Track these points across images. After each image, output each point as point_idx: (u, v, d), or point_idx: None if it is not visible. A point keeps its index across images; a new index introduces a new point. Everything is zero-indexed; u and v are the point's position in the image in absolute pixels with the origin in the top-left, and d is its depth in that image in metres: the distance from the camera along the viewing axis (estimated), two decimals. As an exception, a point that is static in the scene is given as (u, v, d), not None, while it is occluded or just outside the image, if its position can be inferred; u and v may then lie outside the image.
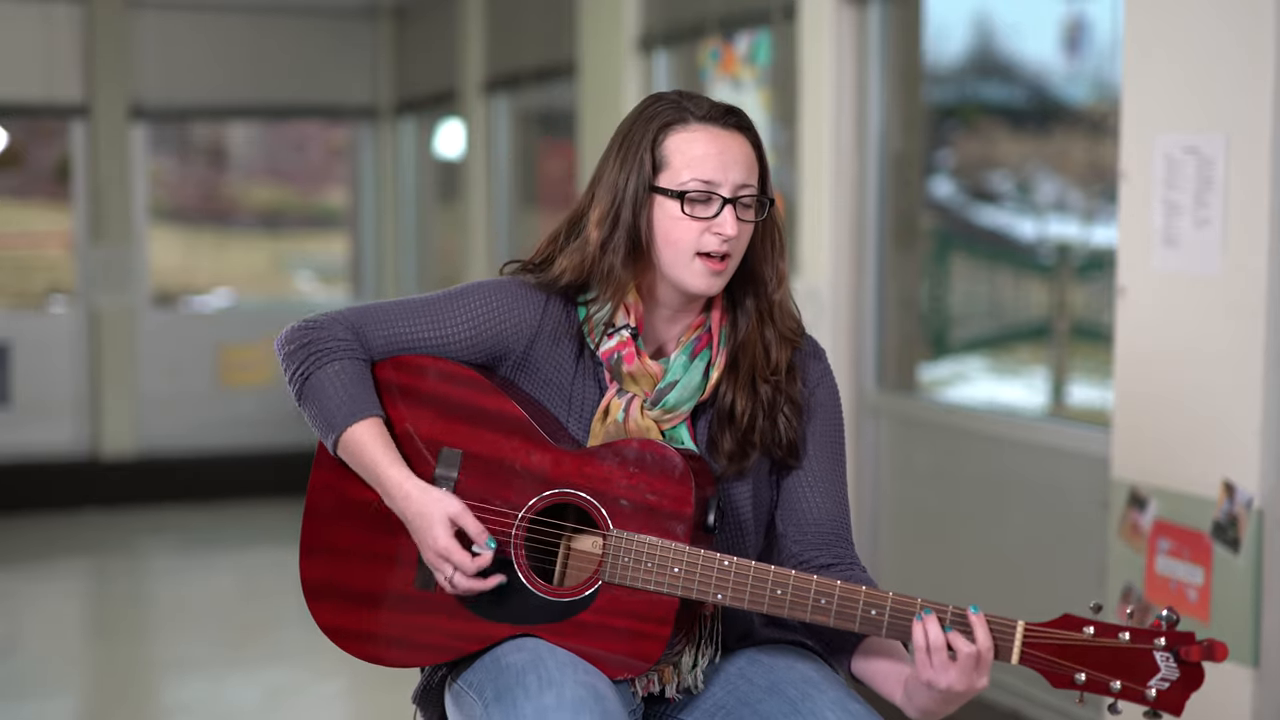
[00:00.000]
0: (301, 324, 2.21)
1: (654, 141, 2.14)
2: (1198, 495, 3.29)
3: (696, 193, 2.12)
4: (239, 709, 4.92)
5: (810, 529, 2.21)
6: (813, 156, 4.89)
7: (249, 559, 7.04)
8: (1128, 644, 1.95)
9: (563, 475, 2.11)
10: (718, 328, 2.20)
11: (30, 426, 8.25)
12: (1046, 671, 1.99)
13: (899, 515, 4.84)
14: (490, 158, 7.60)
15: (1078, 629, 1.97)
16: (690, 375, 2.16)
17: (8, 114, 8.35)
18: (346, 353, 2.18)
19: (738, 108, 2.20)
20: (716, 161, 2.13)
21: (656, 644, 2.06)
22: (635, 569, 2.06)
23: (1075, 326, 4.72)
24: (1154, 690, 1.95)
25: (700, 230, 2.12)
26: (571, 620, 2.09)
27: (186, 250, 9.16)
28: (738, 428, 2.17)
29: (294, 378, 2.19)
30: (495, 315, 2.19)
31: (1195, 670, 1.94)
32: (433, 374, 2.19)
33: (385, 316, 2.21)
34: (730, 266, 2.15)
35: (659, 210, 2.14)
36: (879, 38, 4.82)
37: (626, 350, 2.15)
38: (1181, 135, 3.29)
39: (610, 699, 2.02)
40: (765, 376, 2.18)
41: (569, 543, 2.14)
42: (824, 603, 2.02)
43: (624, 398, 2.16)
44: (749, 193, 2.15)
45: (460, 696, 2.14)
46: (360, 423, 2.15)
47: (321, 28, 8.82)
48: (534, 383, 2.20)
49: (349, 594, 2.21)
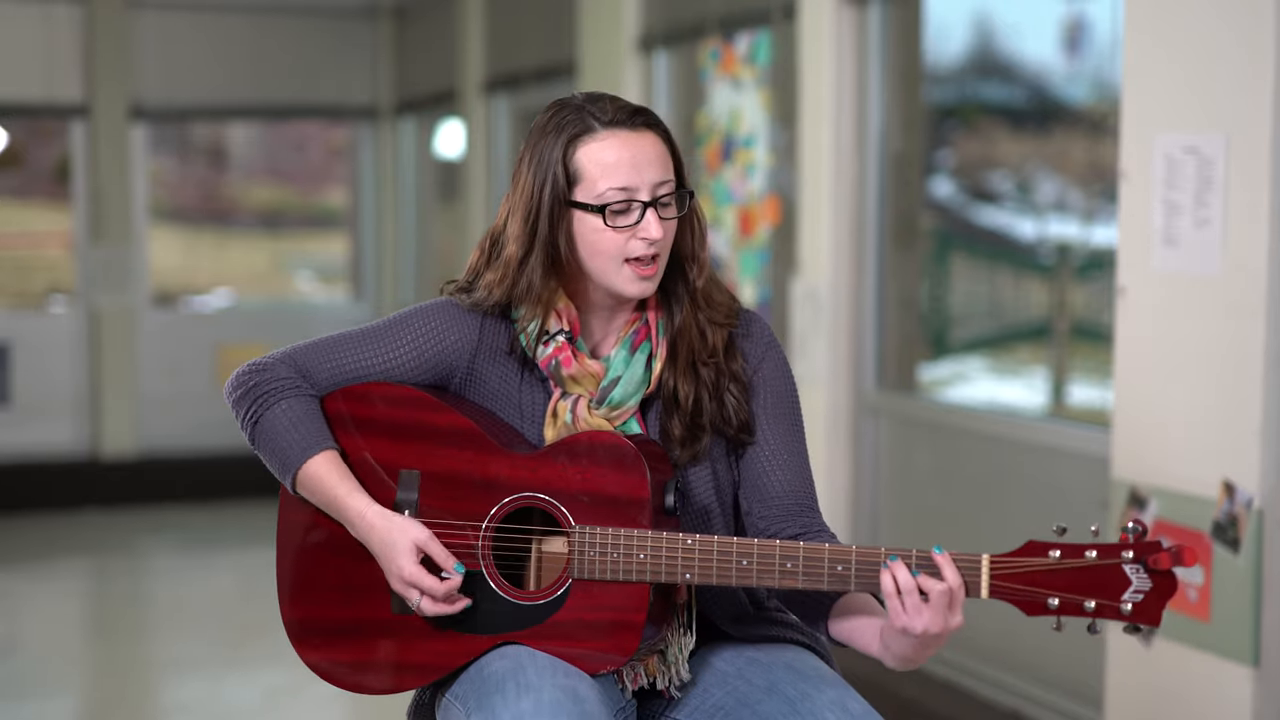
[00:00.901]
0: (246, 368, 2.23)
1: (564, 154, 2.13)
2: (1198, 495, 3.29)
3: (617, 203, 2.11)
4: (238, 709, 4.92)
5: (774, 503, 2.21)
6: (813, 156, 4.89)
7: (249, 559, 7.05)
8: (1095, 561, 1.94)
9: (520, 480, 2.12)
10: (654, 320, 2.21)
11: (30, 426, 8.25)
12: (1018, 600, 1.97)
13: (899, 515, 4.84)
14: (490, 158, 7.60)
15: (1043, 553, 1.96)
16: (632, 369, 2.17)
17: (8, 114, 8.35)
18: (292, 390, 2.19)
19: (643, 106, 2.19)
20: (630, 166, 2.12)
21: (633, 633, 2.06)
22: (602, 562, 2.07)
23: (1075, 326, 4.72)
24: (1129, 604, 1.93)
25: (626, 239, 2.12)
26: (548, 622, 2.09)
27: (186, 250, 9.16)
28: (684, 412, 2.18)
29: (245, 422, 2.21)
30: (434, 337, 2.21)
31: (1167, 578, 1.93)
32: (380, 400, 2.19)
33: (328, 350, 2.22)
34: (660, 265, 2.16)
35: (580, 224, 2.14)
36: (879, 38, 4.82)
37: (563, 355, 2.16)
38: (1181, 135, 3.29)
39: (590, 700, 2.02)
40: (704, 359, 2.20)
41: (539, 546, 2.15)
42: (790, 566, 2.03)
43: (569, 399, 2.17)
44: (667, 190, 2.15)
45: (448, 708, 2.15)
46: (315, 456, 2.16)
47: (321, 28, 8.82)
48: (484, 396, 2.22)
49: (332, 629, 2.21)
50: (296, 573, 2.24)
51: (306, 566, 2.23)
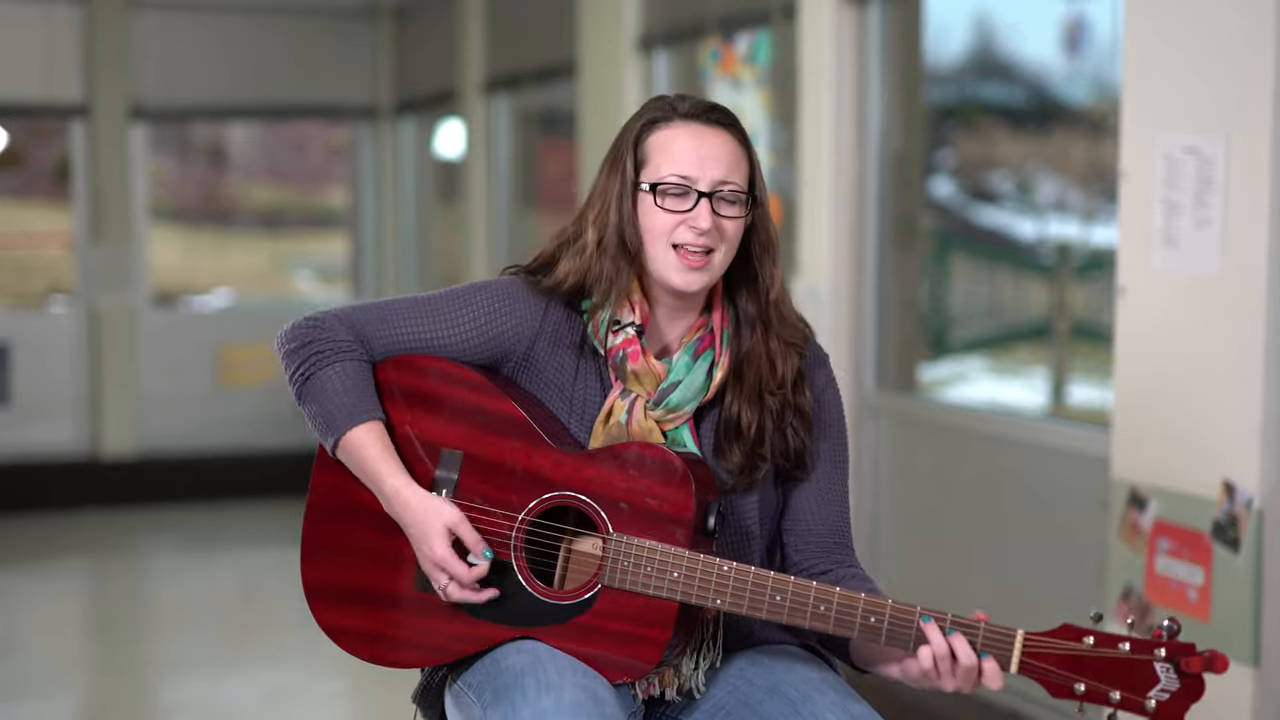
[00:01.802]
0: (303, 321, 2.21)
1: (637, 140, 2.16)
2: (1198, 495, 3.29)
3: (671, 185, 2.12)
4: (238, 709, 4.92)
5: (812, 538, 2.22)
6: (813, 156, 4.89)
7: (249, 559, 7.04)
8: (1128, 654, 1.94)
9: (563, 478, 2.11)
10: (719, 328, 2.20)
11: (30, 426, 8.25)
12: (1045, 681, 1.98)
13: (899, 515, 4.84)
14: (490, 158, 7.60)
15: (1077, 639, 1.96)
16: (693, 375, 2.16)
17: (8, 114, 8.35)
18: (348, 353, 2.18)
19: (724, 106, 2.20)
20: (694, 156, 2.13)
21: (655, 648, 2.06)
22: (635, 573, 2.06)
23: (1075, 326, 4.72)
24: (1154, 701, 1.94)
25: (675, 223, 2.13)
26: (571, 623, 2.09)
27: (186, 250, 9.16)
28: (745, 440, 2.17)
29: (295, 377, 2.19)
30: (497, 316, 2.19)
31: (1196, 681, 1.93)
32: (434, 375, 2.18)
33: (387, 316, 2.21)
34: (713, 264, 2.14)
35: (641, 206, 2.15)
36: (879, 38, 4.82)
37: (632, 348, 2.15)
38: (1181, 135, 3.29)
39: (609, 703, 2.02)
40: (771, 389, 2.18)
41: (569, 545, 2.14)
42: (823, 609, 2.02)
43: (627, 399, 2.15)
44: (731, 189, 2.14)
45: (460, 698, 2.13)
46: (360, 425, 2.15)
47: (321, 28, 8.82)
48: (536, 384, 2.20)
49: (350, 594, 2.21)
50: (323, 535, 2.23)
51: (334, 529, 2.22)
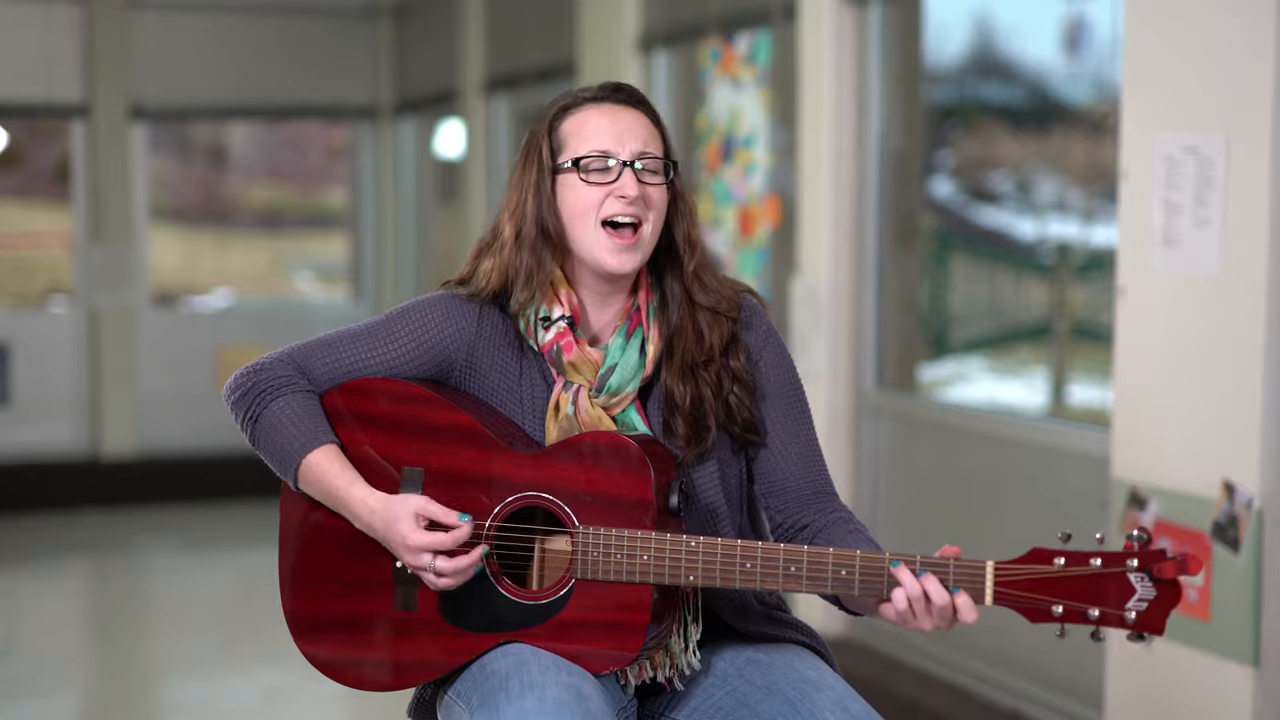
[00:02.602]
0: (245, 369, 2.23)
1: (549, 127, 2.18)
2: (1198, 495, 3.29)
3: (593, 158, 2.14)
4: (238, 709, 4.92)
5: (790, 494, 2.23)
6: (813, 156, 4.89)
7: (249, 559, 7.04)
8: (1100, 569, 1.93)
9: (523, 479, 2.12)
10: (645, 304, 2.21)
11: (30, 426, 8.25)
12: (1022, 608, 1.97)
13: (899, 515, 4.84)
14: (490, 158, 7.60)
15: (1048, 561, 1.95)
16: (627, 356, 2.17)
17: (8, 114, 8.35)
18: (291, 387, 2.19)
19: (626, 84, 2.22)
20: (610, 132, 2.16)
21: (636, 634, 2.06)
22: (605, 562, 2.07)
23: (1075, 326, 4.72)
24: (1133, 612, 1.93)
25: (602, 196, 2.14)
26: (551, 621, 2.09)
27: (186, 250, 9.16)
28: (685, 413, 2.18)
29: (244, 422, 2.21)
30: (432, 330, 2.21)
31: (1172, 586, 1.92)
32: (381, 396, 2.19)
33: (326, 348, 2.23)
34: (643, 239, 2.16)
35: (562, 189, 2.17)
36: (879, 38, 4.82)
37: (565, 340, 2.17)
38: (1181, 135, 3.29)
39: (594, 699, 2.02)
40: (700, 360, 2.19)
41: (542, 545, 2.15)
42: (793, 569, 2.03)
43: (570, 390, 2.17)
44: (650, 158, 2.16)
45: (450, 707, 2.15)
46: (315, 450, 2.16)
47: (321, 28, 8.82)
48: (483, 389, 2.22)
49: (333, 624, 2.21)
50: (299, 567, 2.23)
51: (309, 561, 2.23)
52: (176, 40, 8.50)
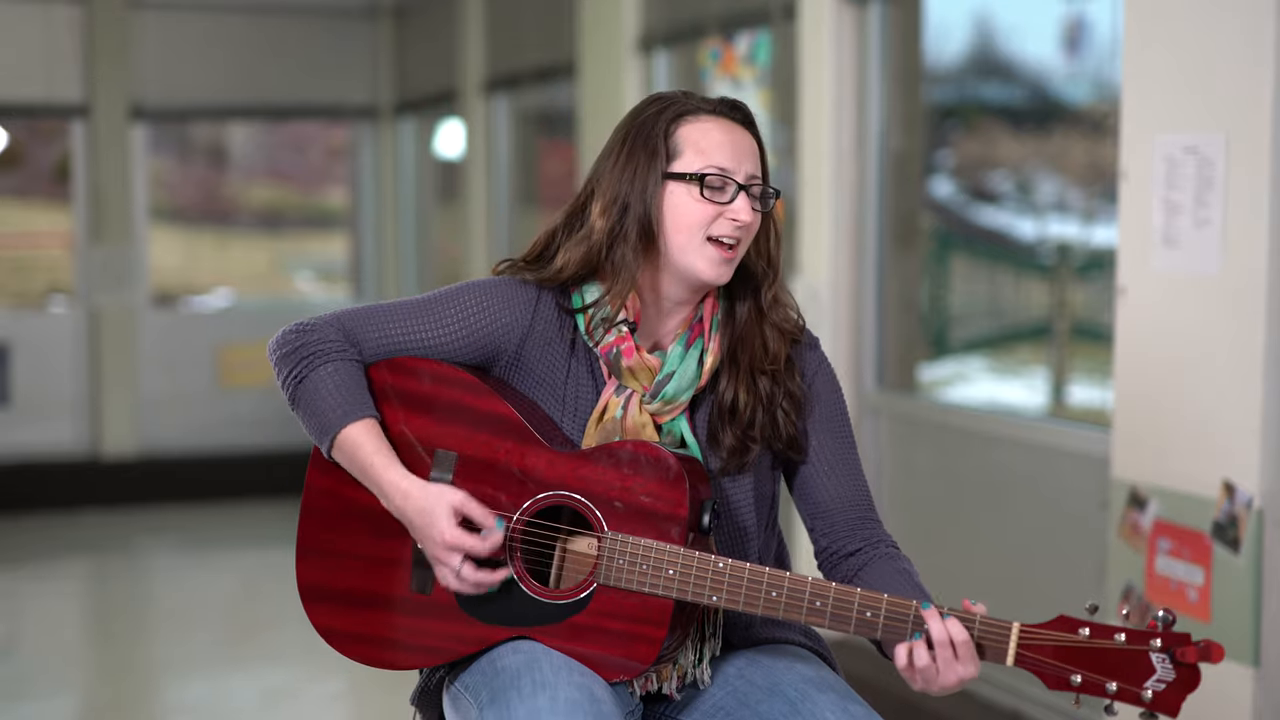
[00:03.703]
0: (294, 327, 2.20)
1: (666, 130, 2.16)
2: (1198, 495, 3.29)
3: (714, 177, 2.13)
4: (238, 709, 4.92)
5: (835, 518, 2.23)
6: (813, 156, 4.89)
7: (249, 559, 7.04)
8: (1123, 645, 1.94)
9: (557, 477, 2.11)
10: (709, 316, 2.20)
11: (30, 426, 8.25)
12: (1042, 673, 1.98)
13: (899, 515, 4.84)
14: (490, 158, 7.60)
15: (1073, 630, 1.96)
16: (686, 364, 2.17)
17: (8, 114, 8.35)
18: (339, 355, 2.17)
19: (743, 103, 2.22)
20: (731, 150, 2.15)
21: (652, 646, 2.06)
22: (630, 571, 2.06)
23: (1075, 326, 4.72)
24: (1150, 692, 1.94)
25: (714, 215, 2.13)
26: (567, 622, 2.09)
27: (186, 250, 9.16)
28: (739, 422, 2.17)
29: (287, 381, 2.18)
30: (487, 315, 2.19)
31: (1192, 672, 1.93)
32: (427, 376, 2.18)
33: (378, 318, 2.20)
34: (738, 256, 2.16)
35: (671, 197, 2.14)
36: (879, 38, 4.82)
37: (625, 345, 2.15)
38: (1181, 135, 3.29)
39: (606, 702, 2.02)
40: (764, 369, 2.19)
41: (564, 545, 2.14)
42: (819, 605, 2.02)
43: (622, 395, 2.16)
44: (758, 184, 2.17)
45: (457, 699, 2.13)
46: (355, 424, 2.14)
47: (321, 28, 8.82)
48: (528, 382, 2.20)
49: (345, 597, 2.20)
50: (318, 537, 2.22)
51: (328, 532, 2.22)
52: (176, 40, 8.50)
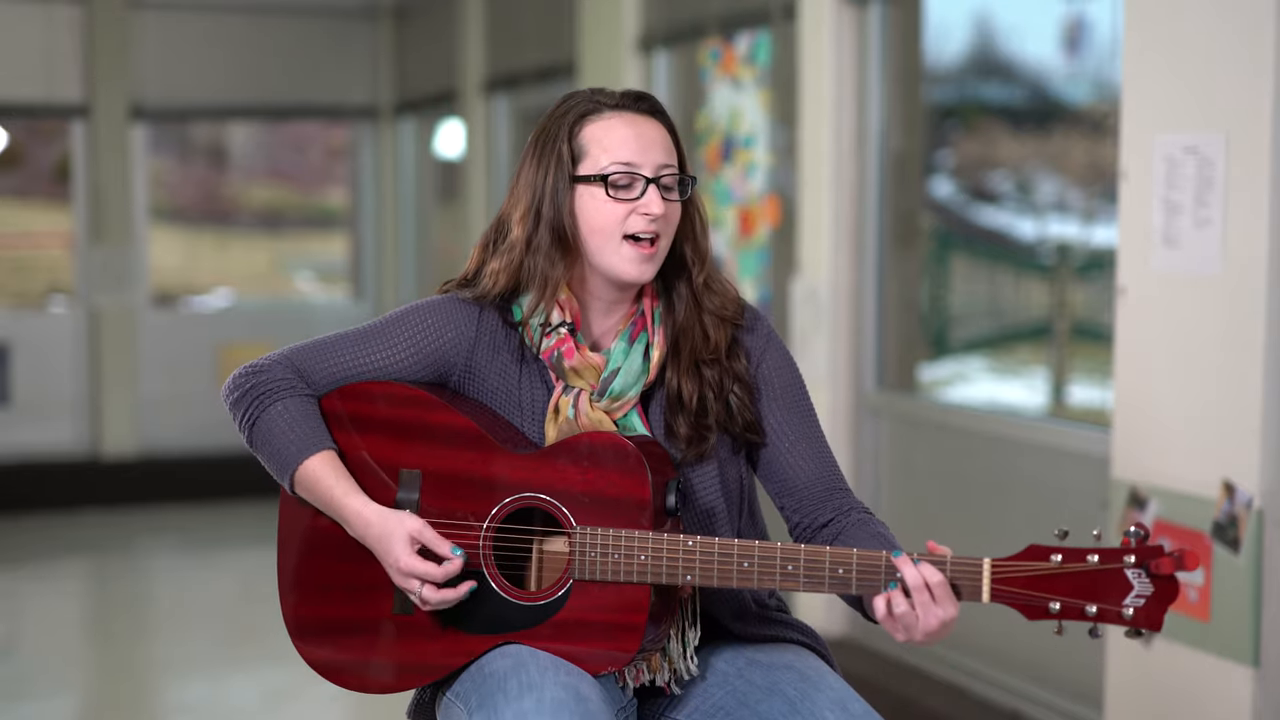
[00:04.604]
0: (243, 370, 2.22)
1: (570, 133, 2.16)
2: (1198, 495, 3.29)
3: (619, 174, 2.13)
4: (239, 710, 4.92)
5: (803, 493, 2.22)
6: (813, 156, 4.89)
7: (249, 559, 7.04)
8: (1097, 565, 1.93)
9: (521, 480, 2.12)
10: (650, 310, 2.21)
11: (30, 426, 8.25)
12: (1019, 605, 1.96)
13: (899, 515, 4.84)
14: (490, 158, 7.60)
15: (1045, 558, 1.95)
16: (631, 359, 2.17)
17: (8, 114, 8.35)
18: (290, 391, 2.19)
19: (648, 93, 2.22)
20: (635, 145, 2.15)
21: (634, 634, 2.06)
22: (603, 562, 2.07)
23: (1075, 326, 4.72)
24: (1130, 609, 1.93)
25: (626, 213, 2.14)
26: (549, 622, 2.09)
27: (186, 250, 9.16)
28: (689, 412, 2.18)
29: (242, 424, 2.21)
30: (432, 333, 2.20)
31: (1169, 582, 1.92)
32: (380, 399, 2.19)
33: (325, 350, 2.22)
34: (660, 250, 2.17)
35: (581, 200, 2.15)
36: (879, 38, 4.82)
37: (565, 346, 2.17)
38: (1181, 135, 3.29)
39: (593, 699, 2.02)
40: (705, 358, 2.20)
41: (539, 546, 2.15)
42: (791, 568, 2.03)
43: (570, 394, 2.17)
44: (670, 173, 2.17)
45: (449, 707, 2.15)
46: (312, 457, 2.16)
47: (321, 28, 8.82)
48: (483, 392, 2.21)
49: (332, 626, 2.21)
50: (297, 571, 2.24)
51: (307, 564, 2.23)
52: (176, 40, 8.50)
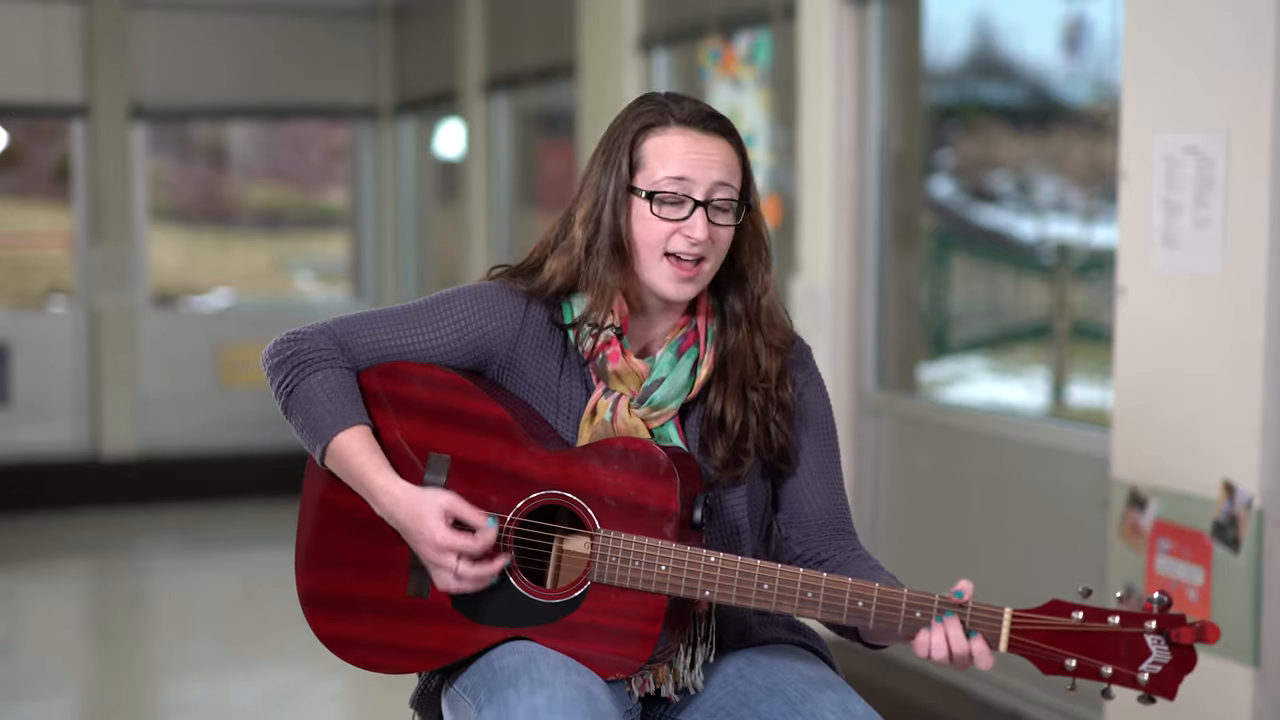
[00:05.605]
0: (286, 336, 2.21)
1: (633, 142, 2.15)
2: (1198, 495, 3.29)
3: (667, 193, 2.12)
4: (239, 710, 4.92)
5: (812, 528, 2.22)
6: (813, 156, 4.89)
7: (249, 559, 7.04)
8: (1118, 628, 1.93)
9: (549, 477, 2.11)
10: (704, 327, 2.20)
11: (30, 426, 8.24)
12: (1036, 658, 1.97)
13: (899, 515, 4.84)
14: (490, 158, 7.60)
15: (1066, 614, 1.95)
16: (677, 372, 2.17)
17: (8, 114, 8.35)
18: (330, 362, 2.18)
19: (721, 114, 2.19)
20: (691, 164, 2.13)
21: (647, 643, 2.06)
22: (623, 568, 2.06)
23: (1075, 326, 4.73)
24: (1146, 674, 1.93)
25: (669, 231, 2.13)
26: (562, 622, 2.09)
27: (186, 250, 9.16)
28: (729, 436, 2.17)
29: (280, 390, 2.19)
30: (477, 320, 2.19)
31: (1188, 653, 1.93)
32: (418, 380, 2.19)
33: (369, 325, 2.21)
34: (704, 272, 2.15)
35: (635, 211, 2.15)
36: (879, 38, 4.82)
37: (611, 349, 2.16)
38: (1181, 135, 3.29)
39: (603, 700, 2.02)
40: (755, 385, 2.19)
41: (559, 544, 2.14)
42: (810, 595, 2.02)
43: (610, 397, 2.16)
44: (724, 196, 2.15)
45: (455, 701, 2.14)
46: (347, 431, 2.15)
47: (321, 28, 8.82)
48: (521, 385, 2.21)
49: (344, 603, 2.21)
50: (315, 543, 2.23)
51: (326, 538, 2.22)
52: (176, 40, 8.50)
